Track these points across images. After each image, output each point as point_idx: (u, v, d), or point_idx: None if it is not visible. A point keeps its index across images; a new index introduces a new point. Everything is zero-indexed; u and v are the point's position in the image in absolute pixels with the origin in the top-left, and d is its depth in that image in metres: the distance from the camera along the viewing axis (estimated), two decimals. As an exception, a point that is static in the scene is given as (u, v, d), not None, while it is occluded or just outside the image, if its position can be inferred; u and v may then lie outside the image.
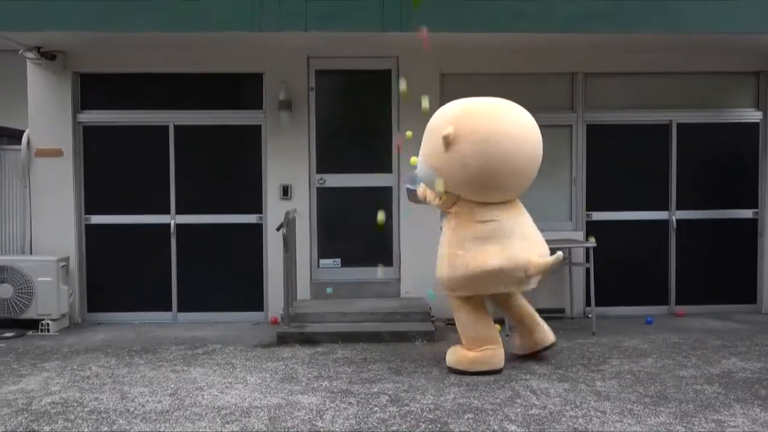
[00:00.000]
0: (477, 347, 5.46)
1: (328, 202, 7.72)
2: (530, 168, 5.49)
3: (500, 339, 5.59)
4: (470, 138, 5.24)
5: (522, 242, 5.39)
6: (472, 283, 5.38)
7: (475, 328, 5.50)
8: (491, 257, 5.29)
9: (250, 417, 4.53)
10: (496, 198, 5.47)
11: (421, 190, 5.88)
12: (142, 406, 4.76)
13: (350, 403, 4.80)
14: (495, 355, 5.49)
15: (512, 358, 5.92)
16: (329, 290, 7.17)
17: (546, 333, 5.89)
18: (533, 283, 5.53)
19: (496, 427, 4.31)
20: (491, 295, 5.70)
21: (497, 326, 5.67)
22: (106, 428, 4.35)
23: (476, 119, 5.33)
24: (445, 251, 5.50)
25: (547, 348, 5.91)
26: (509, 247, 5.33)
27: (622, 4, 6.60)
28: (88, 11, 6.42)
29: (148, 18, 6.43)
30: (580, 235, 7.74)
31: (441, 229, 5.80)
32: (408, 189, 6.23)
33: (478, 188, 5.38)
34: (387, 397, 4.91)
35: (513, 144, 5.32)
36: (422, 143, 5.63)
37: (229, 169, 7.71)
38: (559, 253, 5.28)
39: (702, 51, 7.67)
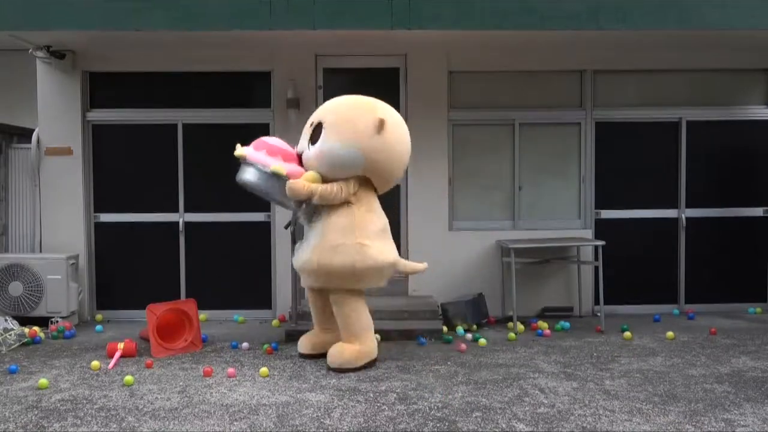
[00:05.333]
0: (361, 341, 5.61)
1: (336, 200, 7.71)
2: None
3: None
4: (396, 126, 5.70)
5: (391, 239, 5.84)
6: (376, 275, 5.60)
7: (360, 321, 5.65)
8: (391, 251, 5.68)
9: (258, 415, 4.54)
10: (388, 188, 5.93)
11: (305, 189, 5.48)
12: (151, 404, 4.78)
13: (358, 401, 4.80)
14: (374, 347, 5.71)
15: (518, 357, 5.92)
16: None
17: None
18: None
19: (504, 426, 4.30)
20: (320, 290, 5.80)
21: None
22: (115, 425, 4.37)
23: (393, 111, 5.82)
24: (346, 241, 5.50)
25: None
26: (392, 242, 5.81)
27: (633, 0, 6.56)
28: (97, 10, 6.44)
29: (157, 17, 6.44)
30: (588, 233, 7.71)
31: (303, 217, 5.80)
32: (255, 167, 5.71)
33: (391, 176, 5.78)
34: (395, 395, 4.90)
35: (409, 139, 5.88)
36: (334, 131, 5.60)
37: (237, 168, 7.70)
38: (425, 264, 5.90)
39: (712, 48, 7.63)
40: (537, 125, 7.82)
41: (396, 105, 7.63)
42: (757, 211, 7.94)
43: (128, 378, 5.23)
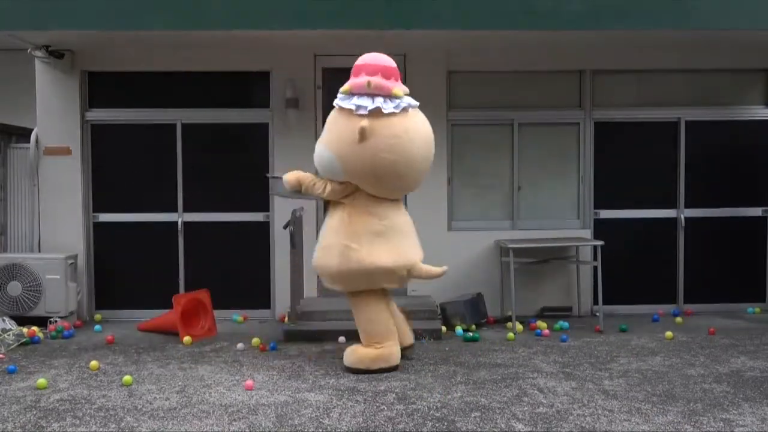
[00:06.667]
0: (377, 344, 5.48)
1: (335, 200, 7.70)
2: (426, 169, 5.63)
3: (397, 335, 5.61)
4: (386, 132, 5.28)
5: (408, 241, 5.60)
6: (363, 279, 5.43)
7: (375, 324, 5.51)
8: (384, 255, 5.39)
9: (257, 415, 4.54)
10: (395, 195, 5.62)
11: (293, 176, 5.68)
12: (150, 404, 4.78)
13: (357, 401, 4.80)
14: (393, 352, 5.50)
15: (517, 357, 5.92)
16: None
17: (407, 334, 5.87)
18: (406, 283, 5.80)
19: (503, 426, 4.31)
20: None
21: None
22: (113, 425, 4.37)
23: (391, 114, 5.35)
24: (333, 242, 5.46)
25: (405, 349, 5.79)
26: (399, 245, 5.48)
27: (633, 0, 6.55)
28: (96, 10, 6.43)
29: (156, 16, 6.43)
30: (587, 233, 7.71)
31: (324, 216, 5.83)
32: (270, 177, 6.36)
33: (384, 183, 5.43)
34: (394, 395, 4.90)
35: (421, 143, 5.47)
36: (326, 130, 5.57)
37: (236, 167, 7.72)
38: (445, 267, 5.65)
39: (711, 48, 7.63)
40: (536, 125, 7.82)
41: (395, 105, 7.67)
42: (756, 211, 7.95)
43: (127, 378, 5.23)
